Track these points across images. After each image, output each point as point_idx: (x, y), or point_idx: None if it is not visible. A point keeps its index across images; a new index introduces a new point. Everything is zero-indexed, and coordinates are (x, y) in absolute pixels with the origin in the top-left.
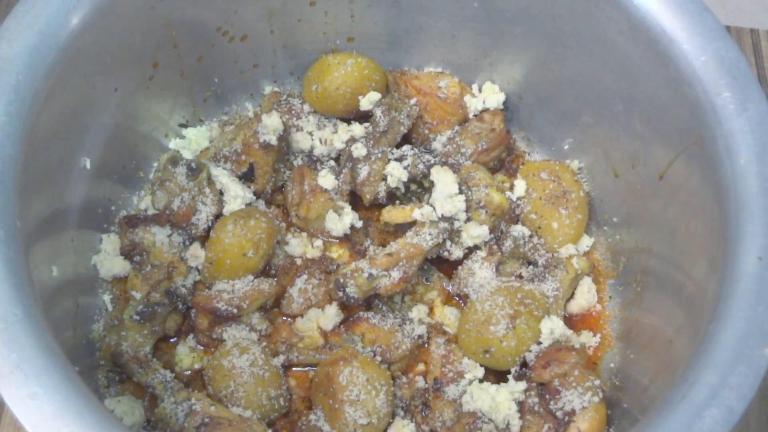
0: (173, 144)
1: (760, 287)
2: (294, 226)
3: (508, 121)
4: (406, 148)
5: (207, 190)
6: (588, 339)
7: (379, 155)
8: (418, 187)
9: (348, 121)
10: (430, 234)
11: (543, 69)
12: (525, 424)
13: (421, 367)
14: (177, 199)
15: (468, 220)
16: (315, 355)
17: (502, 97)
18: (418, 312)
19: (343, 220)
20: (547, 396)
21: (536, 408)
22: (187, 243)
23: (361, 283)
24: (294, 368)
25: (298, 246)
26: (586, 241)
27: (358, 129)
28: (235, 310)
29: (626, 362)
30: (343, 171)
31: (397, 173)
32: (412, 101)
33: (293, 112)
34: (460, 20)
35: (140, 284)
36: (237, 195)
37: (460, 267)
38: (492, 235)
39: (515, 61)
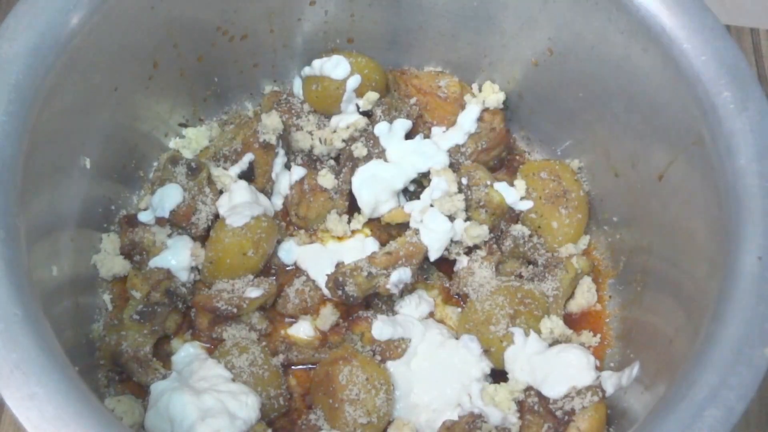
0: (173, 143)
1: (760, 287)
2: (294, 226)
3: (508, 120)
4: None
5: (207, 189)
6: (588, 338)
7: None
8: (418, 187)
9: None
10: None
11: (543, 69)
12: (525, 423)
13: None
14: None
15: (468, 219)
16: (314, 354)
17: (502, 96)
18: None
19: (344, 221)
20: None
21: (536, 408)
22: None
23: (360, 282)
24: (294, 367)
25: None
26: (585, 240)
27: (360, 121)
28: (235, 310)
29: (626, 362)
30: (343, 170)
31: None
32: (412, 101)
33: (293, 111)
34: (460, 20)
35: (140, 284)
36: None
37: (460, 266)
38: (492, 235)
39: (515, 60)
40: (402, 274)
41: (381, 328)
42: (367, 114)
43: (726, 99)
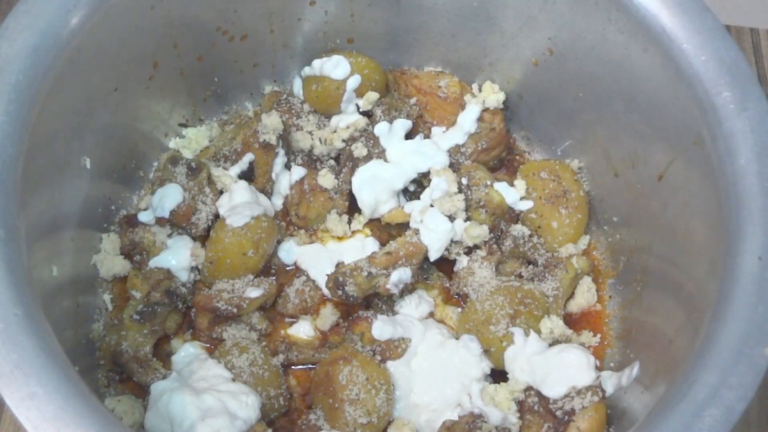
0: (173, 143)
1: (760, 287)
2: (294, 226)
3: (508, 120)
4: None
5: (207, 189)
6: (588, 338)
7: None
8: (418, 187)
9: None
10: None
11: (543, 69)
12: (525, 423)
13: None
14: None
15: (468, 219)
16: (314, 354)
17: (502, 96)
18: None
19: (344, 221)
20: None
21: (536, 407)
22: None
23: (360, 282)
24: (294, 367)
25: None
26: (585, 240)
27: (360, 121)
28: (235, 310)
29: (626, 362)
30: (343, 170)
31: None
32: (412, 101)
33: (293, 111)
34: (460, 20)
35: (140, 284)
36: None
37: (460, 266)
38: (492, 235)
39: (515, 60)
40: (402, 274)
41: (381, 328)
42: (367, 114)
43: (726, 99)
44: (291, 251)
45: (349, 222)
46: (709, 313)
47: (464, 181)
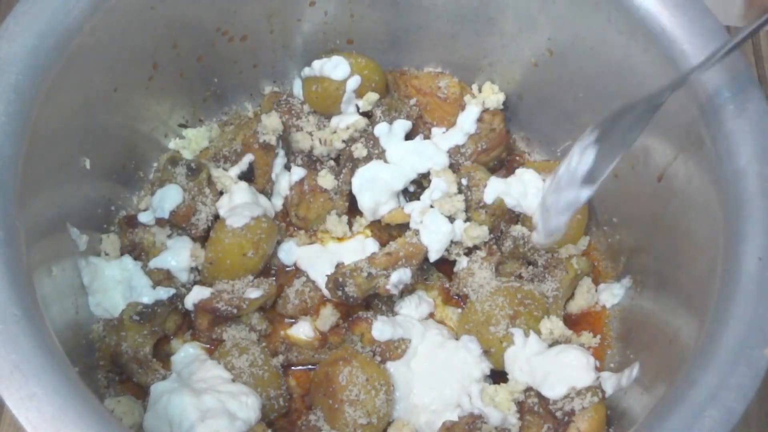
0: (173, 144)
1: (760, 287)
2: (294, 226)
3: (507, 121)
4: None
5: (207, 190)
6: (588, 339)
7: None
8: (418, 187)
9: None
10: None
11: (543, 69)
12: (524, 424)
13: None
14: None
15: (468, 220)
16: (314, 354)
17: (501, 97)
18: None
19: (344, 222)
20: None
21: (536, 408)
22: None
23: (360, 283)
24: (294, 368)
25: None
26: (585, 241)
27: (360, 122)
28: (234, 310)
29: (626, 363)
30: (343, 171)
31: None
32: (412, 101)
33: (293, 112)
34: (459, 21)
35: None
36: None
37: (460, 267)
38: (492, 235)
39: (515, 61)
40: (402, 275)
41: (381, 328)
42: (367, 115)
43: (726, 99)
44: (291, 252)
45: (350, 224)
46: (709, 313)
47: (464, 181)
